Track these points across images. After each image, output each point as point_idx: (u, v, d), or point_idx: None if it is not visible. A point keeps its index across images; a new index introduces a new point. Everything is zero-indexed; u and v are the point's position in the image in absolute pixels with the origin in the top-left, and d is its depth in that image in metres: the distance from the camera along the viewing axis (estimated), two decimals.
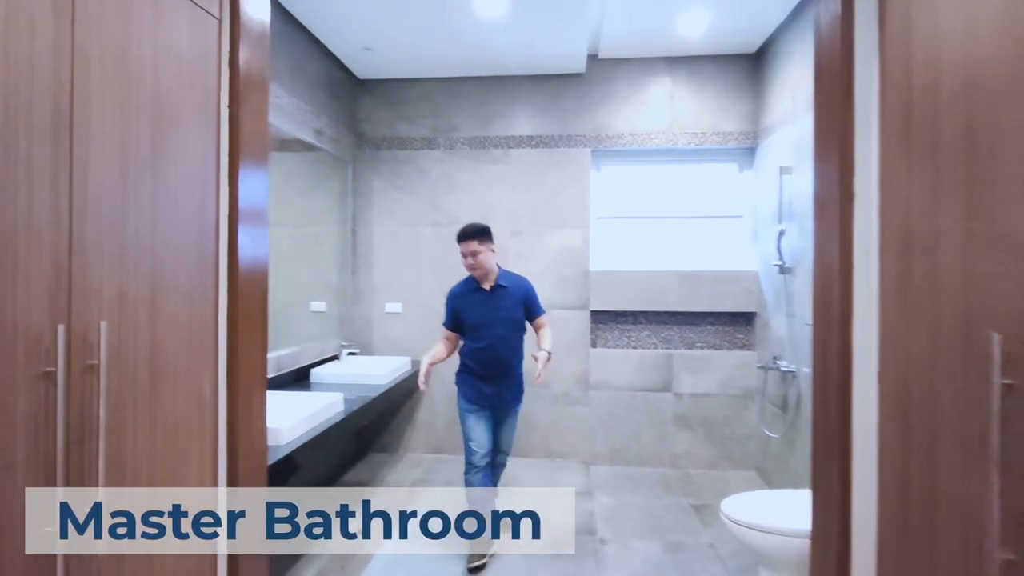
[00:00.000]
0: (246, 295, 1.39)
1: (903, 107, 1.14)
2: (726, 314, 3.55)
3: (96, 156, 0.97)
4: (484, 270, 2.46)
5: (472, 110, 3.67)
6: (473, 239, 2.43)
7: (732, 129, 3.50)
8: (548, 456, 3.63)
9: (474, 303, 2.49)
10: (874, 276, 1.24)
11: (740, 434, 3.47)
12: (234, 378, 1.35)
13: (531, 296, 2.57)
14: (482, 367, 2.47)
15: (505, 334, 2.47)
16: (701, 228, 3.66)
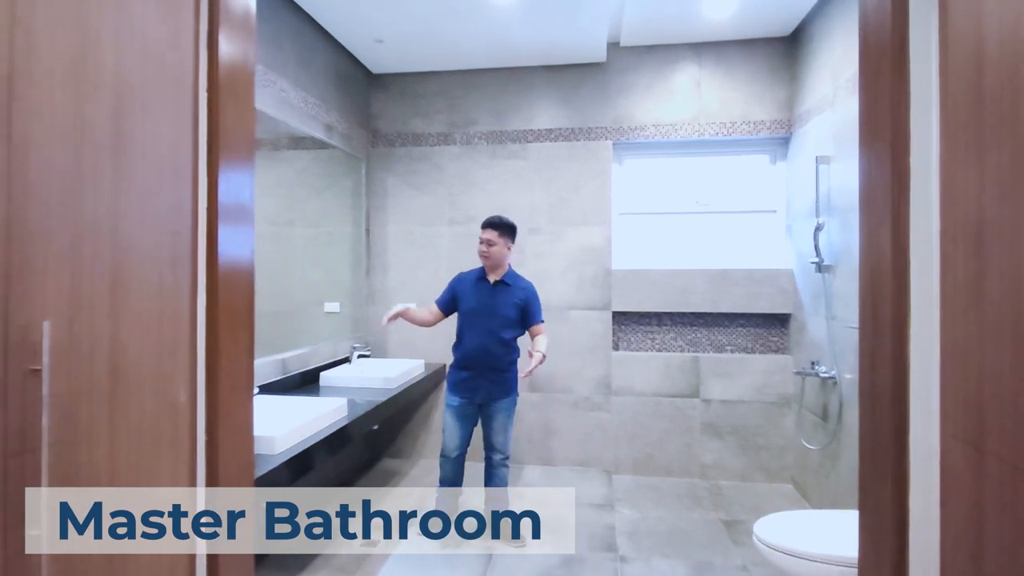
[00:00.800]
0: (227, 295, 1.29)
1: (971, 78, 0.97)
2: (758, 315, 3.35)
3: (42, 137, 0.88)
4: (494, 261, 2.54)
5: (489, 103, 3.56)
6: (495, 229, 2.53)
7: (764, 118, 3.31)
8: (568, 464, 3.48)
9: (474, 291, 2.58)
10: (934, 274, 1.07)
11: (775, 444, 3.26)
12: (214, 382, 1.26)
13: (532, 302, 2.59)
14: (468, 358, 2.54)
15: (495, 327, 2.52)
16: (730, 224, 3.47)
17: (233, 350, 1.33)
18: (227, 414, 1.30)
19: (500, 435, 2.59)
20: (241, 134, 1.36)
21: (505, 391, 2.58)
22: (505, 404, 2.59)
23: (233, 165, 1.32)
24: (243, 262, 1.36)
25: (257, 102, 2.41)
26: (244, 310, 1.38)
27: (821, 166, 2.73)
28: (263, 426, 1.76)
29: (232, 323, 1.32)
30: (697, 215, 3.50)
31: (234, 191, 1.33)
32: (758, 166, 3.47)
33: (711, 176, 3.50)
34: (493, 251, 2.52)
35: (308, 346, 2.94)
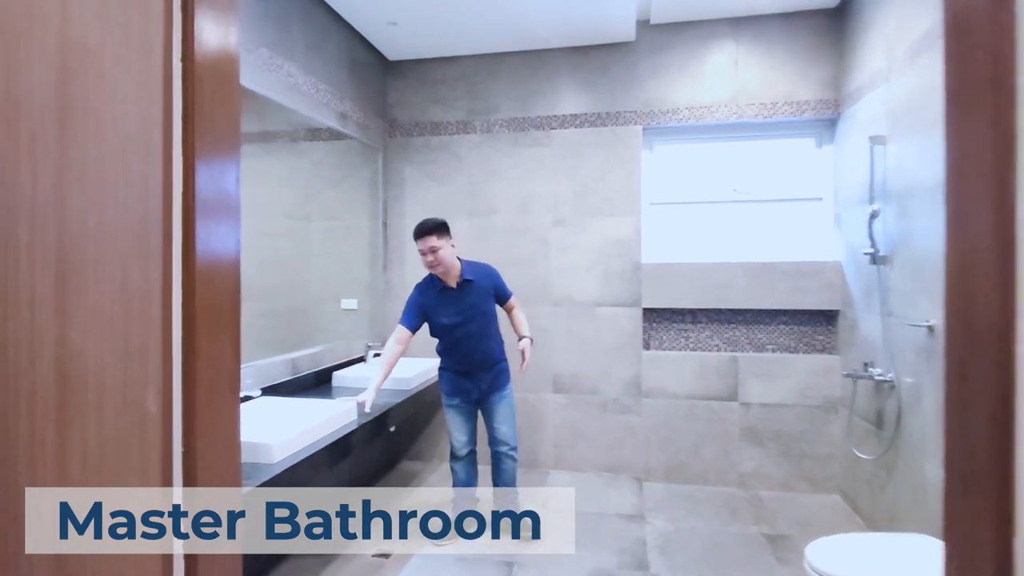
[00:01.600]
0: (208, 292, 1.16)
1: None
2: (803, 312, 3.11)
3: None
4: (445, 266, 2.42)
5: (510, 89, 3.40)
6: (431, 234, 2.37)
7: (808, 97, 3.05)
8: (596, 470, 3.31)
9: (443, 303, 2.47)
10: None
11: (821, 452, 3.02)
12: (191, 388, 1.13)
13: (498, 283, 2.58)
14: (459, 364, 2.53)
15: (478, 328, 2.50)
16: (772, 213, 3.23)
17: (215, 353, 1.20)
18: (208, 424, 1.18)
19: (503, 425, 2.57)
20: (224, 115, 1.23)
21: (501, 382, 2.57)
22: (503, 394, 2.57)
23: (214, 148, 1.19)
24: (227, 257, 1.23)
25: (263, 87, 2.31)
26: (228, 309, 1.25)
27: (875, 147, 2.49)
28: (261, 432, 1.65)
29: (213, 324, 1.19)
30: (735, 204, 3.27)
31: (216, 178, 1.20)
32: (802, 150, 3.22)
33: (750, 162, 3.27)
34: (441, 256, 2.37)
35: (320, 344, 2.84)
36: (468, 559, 2.39)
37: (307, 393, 2.54)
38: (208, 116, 1.17)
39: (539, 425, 3.38)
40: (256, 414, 1.90)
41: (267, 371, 2.32)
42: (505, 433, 2.57)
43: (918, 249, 2.17)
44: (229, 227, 1.24)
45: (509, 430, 2.58)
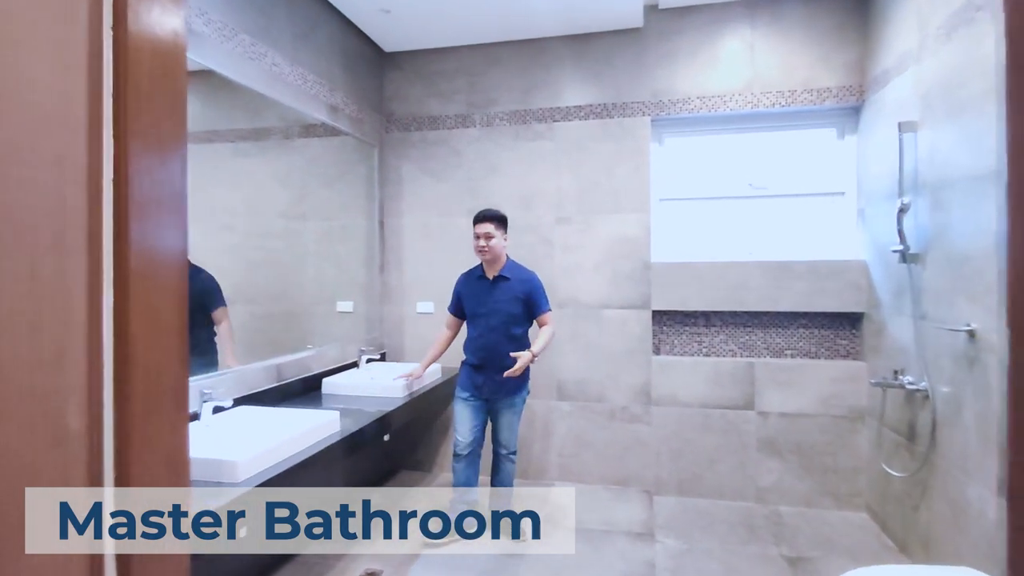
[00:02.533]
0: (146, 294, 1.03)
1: None
2: (824, 315, 2.93)
3: None
4: (494, 255, 2.52)
5: (511, 80, 3.27)
6: (491, 222, 2.49)
7: (830, 84, 2.88)
8: (603, 482, 3.15)
9: (475, 290, 2.59)
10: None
11: (846, 466, 2.84)
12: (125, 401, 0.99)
13: (535, 293, 2.55)
14: (474, 356, 2.56)
15: (498, 325, 2.51)
16: (790, 209, 3.06)
17: (155, 361, 1.07)
18: (147, 442, 1.04)
19: (506, 431, 2.60)
20: (167, 94, 1.10)
21: (512, 389, 2.55)
22: (511, 402, 2.58)
23: (154, 132, 1.06)
24: (171, 254, 1.10)
25: (242, 76, 2.20)
26: (173, 313, 1.12)
27: (905, 135, 2.31)
28: (226, 447, 1.52)
29: (153, 329, 1.06)
30: (750, 200, 3.10)
31: (157, 165, 1.07)
32: (823, 141, 3.05)
33: (767, 155, 3.10)
34: (493, 244, 2.48)
35: (310, 349, 2.72)
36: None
37: (293, 401, 2.41)
38: (146, 95, 1.03)
39: (543, 434, 3.23)
40: (226, 426, 1.78)
41: (247, 378, 2.20)
42: (506, 438, 2.62)
43: (956, 245, 1.99)
44: (174, 221, 1.10)
45: (510, 436, 2.62)
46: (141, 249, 1.00)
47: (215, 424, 1.76)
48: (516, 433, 2.64)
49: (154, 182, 1.04)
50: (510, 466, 2.65)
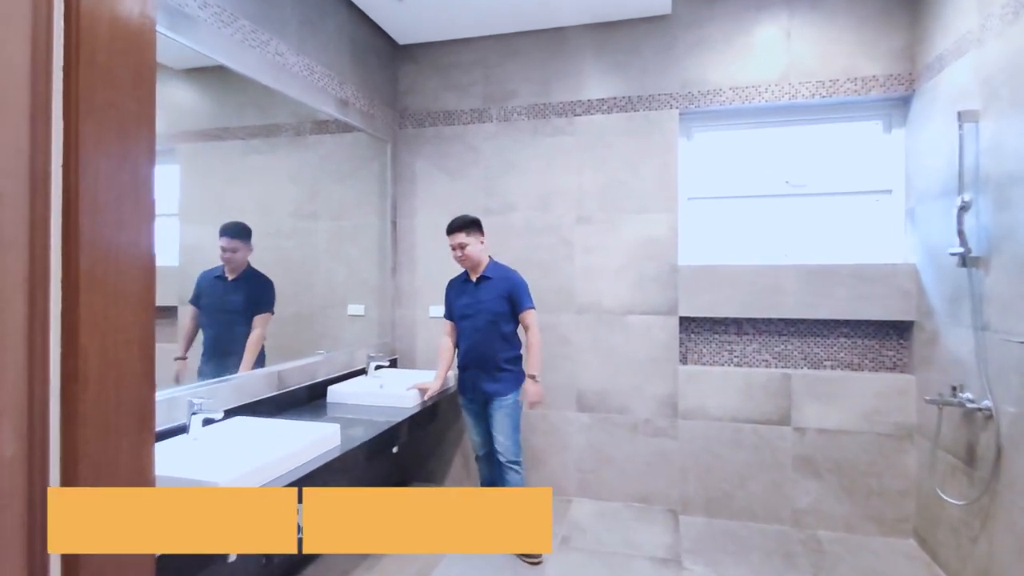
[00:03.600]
0: (101, 300, 0.91)
1: None
2: (868, 323, 2.73)
3: None
4: (473, 262, 2.54)
5: (530, 72, 3.12)
6: (460, 231, 2.51)
7: (876, 72, 2.67)
8: (625, 499, 2.98)
9: (461, 293, 2.62)
10: None
11: (891, 488, 2.62)
12: (75, 422, 0.87)
13: (516, 290, 2.54)
14: (463, 358, 2.59)
15: (483, 325, 2.52)
16: (831, 209, 2.86)
17: (113, 376, 0.94)
18: (101, 468, 0.92)
19: (500, 435, 2.51)
20: (129, 70, 0.97)
21: (502, 390, 2.51)
22: (502, 404, 2.51)
23: (113, 114, 0.93)
24: (133, 254, 0.98)
25: (241, 65, 2.08)
26: (137, 321, 0.99)
27: (966, 126, 2.11)
28: (208, 466, 1.40)
29: (110, 339, 0.93)
30: (787, 199, 2.91)
31: (115, 151, 0.94)
32: (867, 135, 2.84)
33: (805, 150, 2.90)
34: (468, 252, 2.50)
35: (319, 354, 2.61)
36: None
37: (296, 411, 2.30)
38: (103, 69, 0.91)
39: (561, 447, 3.07)
40: (216, 441, 1.67)
41: (246, 386, 2.09)
42: (503, 444, 2.51)
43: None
44: (137, 215, 0.98)
45: (506, 441, 2.51)
46: (95, 247, 0.87)
47: (205, 438, 1.65)
48: (514, 439, 2.52)
49: (113, 169, 0.91)
50: (514, 477, 2.50)
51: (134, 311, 0.98)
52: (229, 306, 2.14)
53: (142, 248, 0.99)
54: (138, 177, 0.98)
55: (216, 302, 2.07)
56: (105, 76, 0.90)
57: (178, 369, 1.84)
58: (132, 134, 0.96)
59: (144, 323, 1.00)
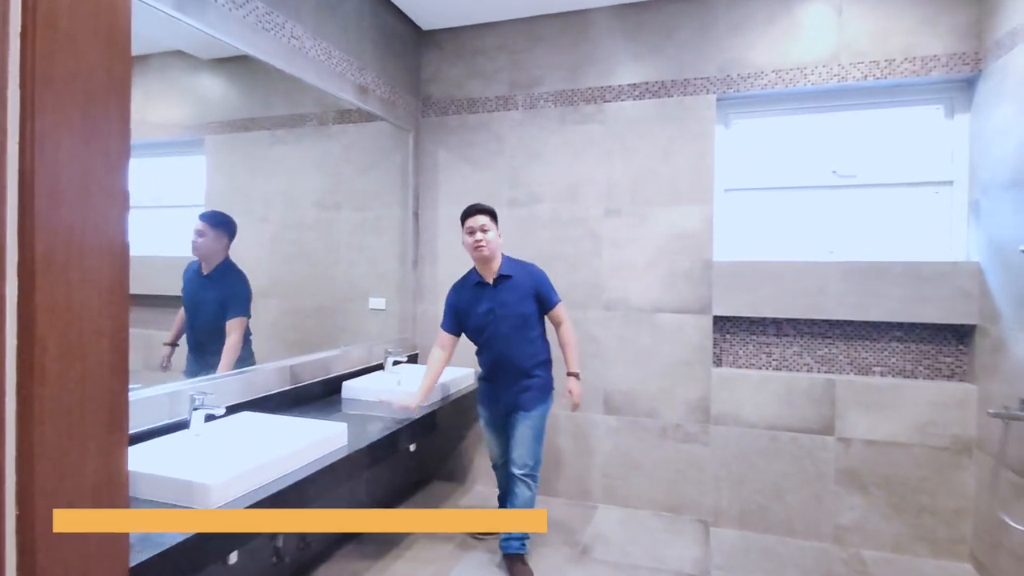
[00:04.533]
0: (61, 289, 0.85)
1: None
2: (923, 326, 2.52)
3: None
4: (490, 252, 2.26)
5: (557, 57, 2.99)
6: (484, 214, 2.26)
7: (937, 51, 2.45)
8: (653, 507, 2.84)
9: (475, 301, 2.32)
10: None
11: (947, 507, 2.41)
12: (28, 424, 0.80)
13: (543, 285, 2.33)
14: (488, 370, 2.37)
15: (509, 331, 2.27)
16: (884, 201, 2.65)
17: (77, 371, 0.88)
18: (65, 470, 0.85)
19: (520, 447, 2.29)
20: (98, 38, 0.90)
21: (530, 402, 2.29)
22: (528, 416, 2.29)
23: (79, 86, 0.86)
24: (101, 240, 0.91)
25: (256, 49, 2.02)
26: (106, 315, 0.92)
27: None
28: (202, 466, 1.34)
29: (74, 331, 0.87)
30: (834, 190, 2.70)
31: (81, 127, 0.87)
32: (926, 121, 2.61)
33: (855, 137, 2.69)
34: (489, 238, 2.24)
35: (339, 348, 2.56)
36: None
37: (308, 407, 2.25)
38: (67, 36, 0.84)
39: (586, 450, 2.95)
40: (218, 437, 1.61)
41: (256, 380, 2.04)
42: (520, 456, 2.28)
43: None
44: (107, 198, 0.91)
45: (525, 453, 2.28)
46: (55, 229, 0.80)
47: (207, 434, 1.60)
48: (535, 451, 2.28)
49: (78, 146, 0.84)
50: (525, 493, 2.26)
51: (104, 300, 0.90)
52: (201, 304, 1.94)
53: (113, 232, 0.92)
54: (109, 156, 0.91)
55: (191, 298, 1.90)
56: (69, 43, 0.83)
57: (164, 355, 1.77)
58: (101, 109, 0.89)
59: (116, 313, 0.93)
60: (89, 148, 0.88)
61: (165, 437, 1.53)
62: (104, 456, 0.92)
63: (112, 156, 0.92)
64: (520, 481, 2.27)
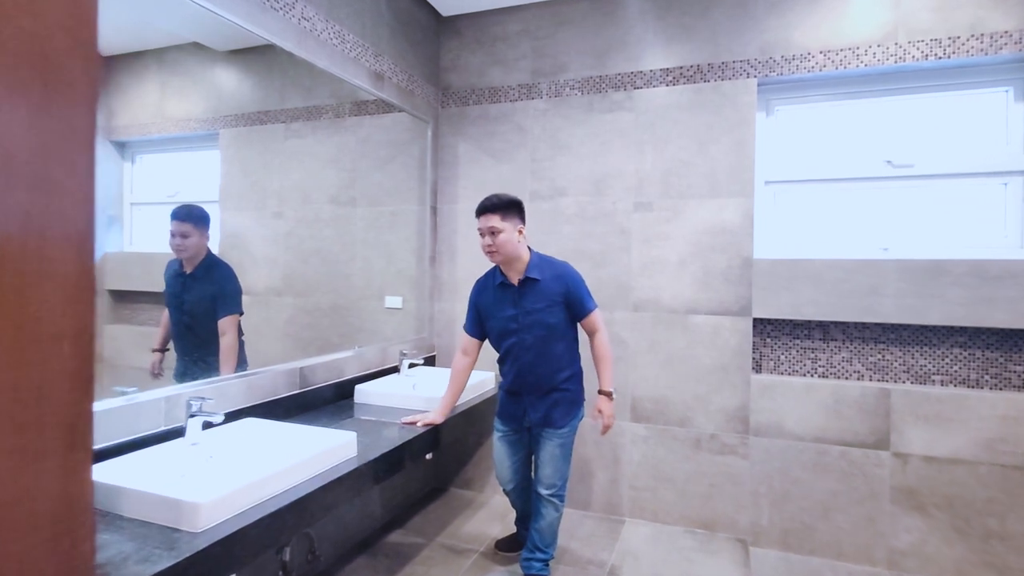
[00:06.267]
0: (7, 280, 0.72)
1: None
2: (990, 331, 2.31)
3: None
4: (504, 255, 2.05)
5: (583, 42, 2.85)
6: (494, 212, 2.02)
7: (1008, 26, 2.24)
8: (685, 523, 2.68)
9: (498, 304, 2.13)
10: None
11: (1018, 531, 2.21)
12: None
13: (575, 289, 2.09)
14: (510, 382, 2.17)
15: (534, 343, 2.08)
16: (945, 194, 2.44)
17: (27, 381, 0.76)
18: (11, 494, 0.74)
19: (547, 467, 2.14)
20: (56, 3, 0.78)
21: (560, 418, 2.12)
22: (557, 433, 2.13)
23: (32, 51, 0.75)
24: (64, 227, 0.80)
25: (263, 28, 1.90)
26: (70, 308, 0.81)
27: None
28: (192, 481, 1.23)
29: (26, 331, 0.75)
30: (889, 182, 2.51)
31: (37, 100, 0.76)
32: (991, 105, 2.40)
33: (913, 124, 2.49)
34: (501, 241, 2.02)
35: (353, 349, 2.46)
36: None
37: (318, 412, 2.15)
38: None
39: (612, 460, 2.80)
40: (211, 448, 1.51)
41: (262, 384, 1.94)
42: (549, 476, 2.15)
43: None
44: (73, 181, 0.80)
45: (553, 473, 2.15)
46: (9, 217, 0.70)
47: (204, 443, 1.49)
48: (563, 471, 2.15)
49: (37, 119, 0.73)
50: (552, 514, 2.15)
51: (66, 298, 0.79)
52: (187, 305, 1.81)
53: (78, 218, 0.81)
54: (74, 130, 0.80)
55: (176, 299, 1.78)
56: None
57: (154, 361, 1.66)
58: (65, 74, 0.78)
59: (80, 314, 0.81)
60: (50, 119, 0.76)
61: (159, 446, 1.43)
62: (64, 479, 0.81)
63: (78, 130, 0.81)
64: (547, 502, 2.14)
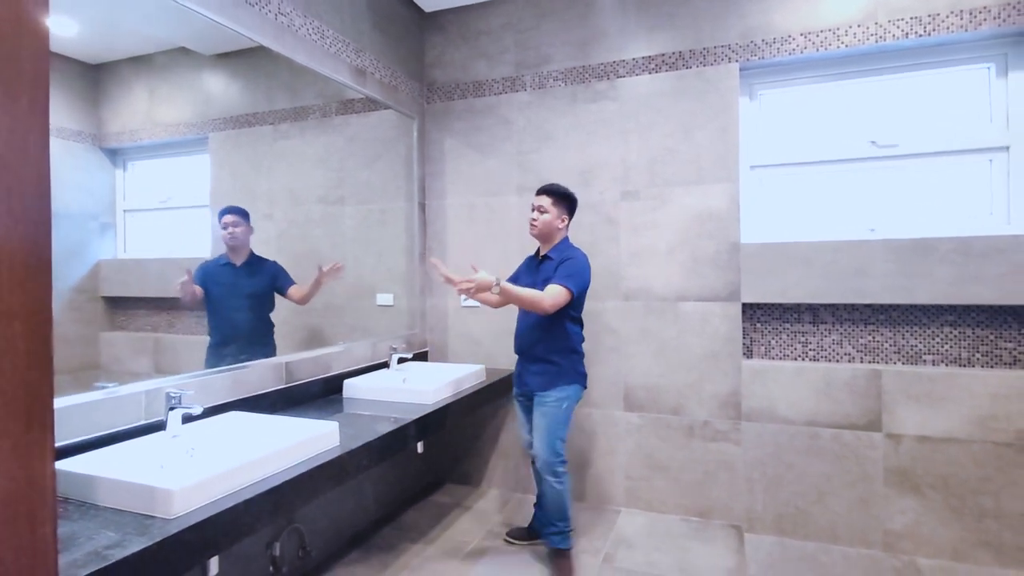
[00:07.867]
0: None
1: None
2: (979, 309, 2.30)
3: None
4: (540, 231, 2.29)
5: (566, 33, 2.85)
6: (548, 195, 2.29)
7: (988, 2, 2.24)
8: (680, 512, 2.66)
9: (527, 270, 2.40)
10: None
11: (1013, 510, 2.19)
12: None
13: (562, 266, 2.20)
14: (516, 345, 2.39)
15: (527, 311, 2.26)
16: (930, 172, 2.43)
17: None
18: None
19: (536, 436, 2.26)
20: None
21: (545, 383, 2.25)
22: (542, 399, 2.24)
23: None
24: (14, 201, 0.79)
25: (238, 23, 1.90)
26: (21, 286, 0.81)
27: None
28: (169, 469, 1.22)
29: None
30: (873, 162, 2.50)
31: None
32: (973, 82, 2.39)
33: (895, 104, 2.48)
34: (543, 220, 2.27)
35: (334, 345, 2.45)
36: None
37: (305, 406, 2.14)
38: None
39: (606, 450, 2.79)
40: (191, 440, 1.51)
41: (248, 379, 1.94)
42: (537, 447, 2.24)
43: None
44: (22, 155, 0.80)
45: (540, 444, 2.22)
46: None
47: (185, 435, 1.49)
48: (549, 444, 2.19)
49: None
50: (549, 491, 2.20)
51: (17, 275, 0.79)
52: (246, 291, 2.09)
53: (30, 191, 0.81)
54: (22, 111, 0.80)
55: (228, 290, 2.02)
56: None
57: (184, 281, 1.83)
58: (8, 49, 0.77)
59: (34, 291, 0.81)
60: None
61: (139, 439, 1.43)
62: (20, 459, 0.80)
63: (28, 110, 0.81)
64: (545, 475, 2.21)
